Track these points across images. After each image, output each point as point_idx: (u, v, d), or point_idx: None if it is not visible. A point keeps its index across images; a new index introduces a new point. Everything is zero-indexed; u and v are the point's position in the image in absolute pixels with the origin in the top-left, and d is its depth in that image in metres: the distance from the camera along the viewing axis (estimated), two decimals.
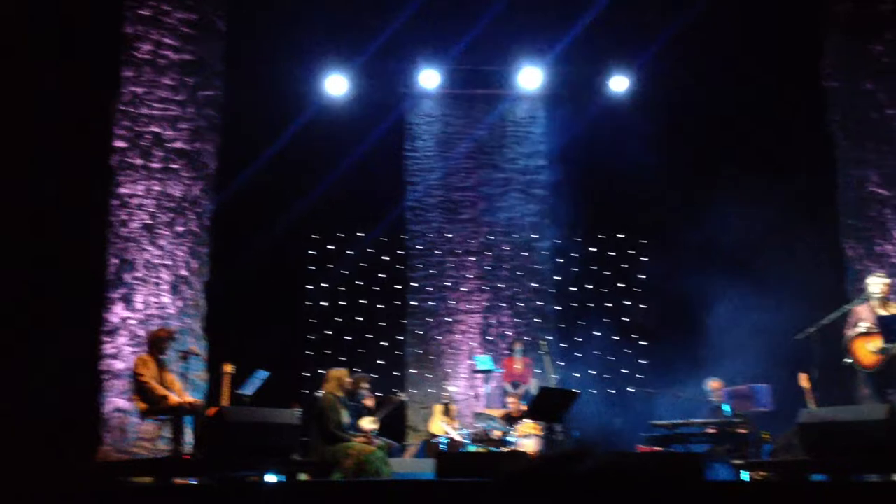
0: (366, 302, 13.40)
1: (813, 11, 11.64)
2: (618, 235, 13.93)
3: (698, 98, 12.33)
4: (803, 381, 9.25)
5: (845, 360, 8.24)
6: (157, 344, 8.78)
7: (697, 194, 11.87)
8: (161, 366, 8.71)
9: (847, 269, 11.09)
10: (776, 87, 11.66)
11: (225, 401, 9.20)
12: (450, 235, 13.67)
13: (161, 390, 8.38)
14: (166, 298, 10.58)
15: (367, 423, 9.84)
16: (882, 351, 7.94)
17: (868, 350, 8.03)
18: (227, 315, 11.13)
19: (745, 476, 8.08)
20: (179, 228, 10.83)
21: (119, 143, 10.78)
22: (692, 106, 12.41)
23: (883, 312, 8.12)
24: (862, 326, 8.12)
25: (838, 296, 10.45)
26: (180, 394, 8.56)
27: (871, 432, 6.68)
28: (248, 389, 9.71)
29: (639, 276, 13.79)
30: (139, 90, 10.94)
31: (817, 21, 11.63)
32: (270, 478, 7.66)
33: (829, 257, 11.33)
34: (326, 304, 13.26)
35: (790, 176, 11.16)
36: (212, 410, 8.24)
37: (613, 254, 13.92)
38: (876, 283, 8.31)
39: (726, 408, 9.85)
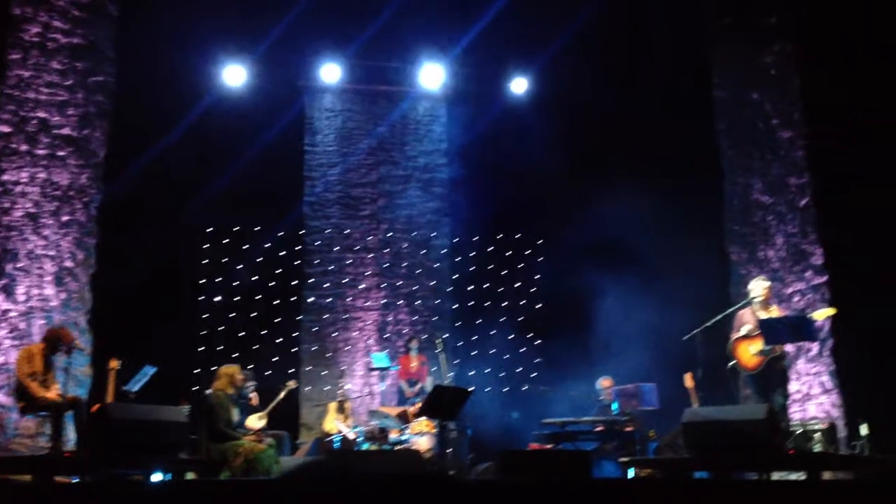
0: (261, 297, 13.18)
1: (702, 22, 12.00)
2: (516, 236, 14.09)
3: (595, 101, 12.56)
4: (688, 380, 9.55)
5: (730, 362, 8.50)
6: (54, 343, 8.45)
7: (592, 196, 12.09)
8: (48, 363, 8.39)
9: (731, 273, 11.46)
10: (669, 93, 11.96)
11: (110, 397, 8.94)
12: (348, 231, 13.58)
13: (37, 391, 8.04)
14: (49, 290, 10.21)
15: (255, 421, 9.70)
16: (762, 353, 8.22)
17: (750, 353, 8.31)
18: (114, 308, 10.79)
19: (631, 473, 8.26)
20: (65, 218, 10.46)
21: (3, 129, 10.37)
22: (589, 109, 12.64)
23: (764, 315, 8.40)
24: (744, 329, 8.39)
25: (723, 298, 10.81)
26: (55, 391, 8.23)
27: (752, 431, 6.90)
28: (135, 385, 9.46)
29: (535, 276, 13.98)
30: (26, 73, 10.54)
31: (706, 31, 11.99)
32: (156, 476, 7.44)
33: (717, 260, 11.68)
34: (220, 298, 12.99)
35: (681, 180, 11.45)
36: (96, 407, 7.99)
37: (510, 253, 14.07)
38: (757, 288, 8.60)
39: (615, 406, 10.06)
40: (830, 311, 8.99)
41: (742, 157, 11.57)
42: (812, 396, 10.54)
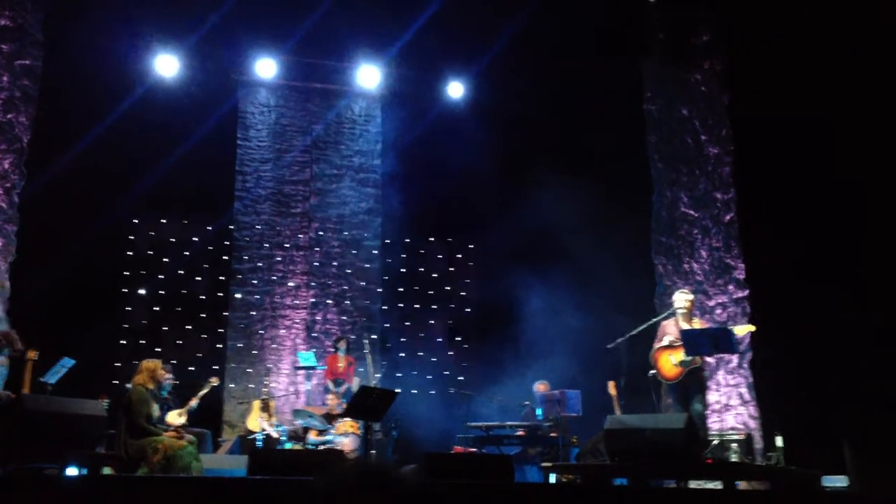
0: (187, 292, 12.97)
1: (635, 38, 12.19)
2: (448, 239, 14.14)
3: (530, 109, 12.67)
4: (611, 388, 9.69)
5: (651, 371, 8.64)
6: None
7: (524, 203, 12.20)
8: None
9: (656, 284, 11.66)
10: (603, 107, 12.10)
11: (26, 388, 8.70)
12: (279, 229, 13.46)
13: None
14: None
15: (175, 417, 9.54)
16: (682, 364, 8.38)
17: (670, 363, 8.46)
18: (34, 298, 10.50)
19: (552, 478, 8.34)
20: None
21: None
22: (524, 116, 12.75)
23: (686, 327, 8.56)
24: (666, 340, 8.54)
25: (648, 308, 10.99)
26: None
27: (671, 440, 7.00)
28: (52, 377, 9.23)
29: (465, 280, 14.04)
30: None
31: (640, 46, 12.19)
32: (72, 471, 7.26)
33: (644, 270, 11.86)
34: (144, 291, 12.74)
35: (614, 190, 11.60)
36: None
37: (441, 256, 14.11)
38: (681, 299, 8.76)
39: (539, 411, 10.16)
40: (750, 328, 9.18)
41: (671, 171, 11.79)
42: (731, 407, 10.77)
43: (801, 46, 10.18)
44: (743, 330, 9.05)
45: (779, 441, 9.03)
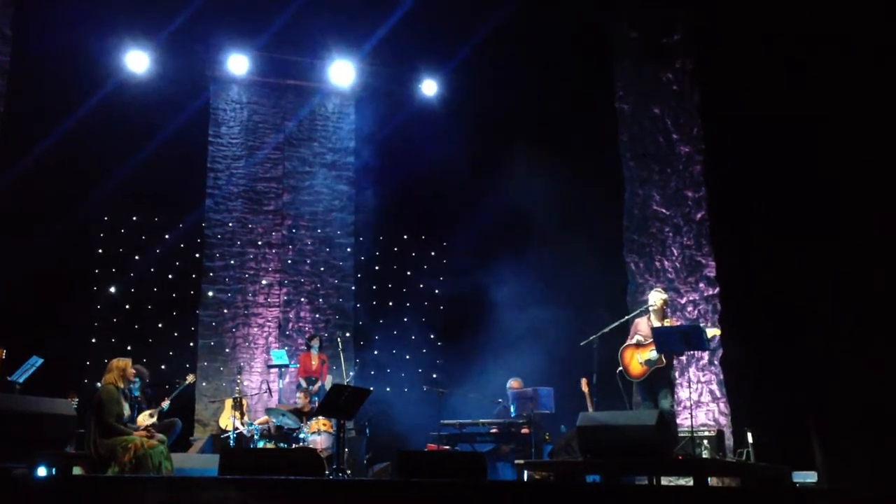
0: (158, 290, 12.86)
1: (607, 36, 12.23)
2: (421, 237, 14.13)
3: (503, 107, 12.68)
4: (584, 385, 9.73)
5: (618, 368, 8.70)
6: None
7: (498, 200, 12.21)
8: None
9: (629, 282, 11.71)
10: (576, 105, 12.13)
11: None
12: (252, 226, 13.38)
13: None
14: None
15: (146, 417, 9.47)
16: (647, 363, 8.44)
17: (637, 361, 8.52)
18: (1, 296, 10.37)
19: (525, 475, 8.36)
20: None
21: None
22: (497, 114, 12.76)
23: (658, 324, 8.62)
24: (636, 338, 8.59)
25: (622, 306, 11.04)
26: None
27: (642, 437, 7.05)
28: (20, 376, 9.13)
29: (439, 278, 14.04)
30: None
31: (612, 45, 12.23)
32: (41, 471, 7.18)
33: (617, 268, 11.91)
34: (114, 289, 12.62)
35: (587, 188, 11.62)
36: None
37: (415, 253, 14.10)
38: (655, 298, 8.81)
39: (512, 408, 10.18)
40: (716, 331, 9.24)
41: (642, 169, 11.83)
42: (701, 404, 10.85)
43: (773, 46, 10.26)
44: (710, 333, 9.11)
45: (749, 437, 9.12)
